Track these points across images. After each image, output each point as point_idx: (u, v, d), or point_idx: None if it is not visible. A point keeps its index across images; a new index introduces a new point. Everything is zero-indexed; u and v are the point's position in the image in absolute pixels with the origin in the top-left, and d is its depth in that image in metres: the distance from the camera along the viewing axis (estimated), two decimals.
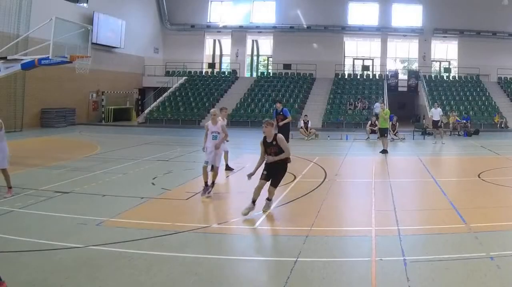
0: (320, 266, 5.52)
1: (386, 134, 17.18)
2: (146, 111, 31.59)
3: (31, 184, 9.76)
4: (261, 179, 7.74)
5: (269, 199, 7.86)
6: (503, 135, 24.65)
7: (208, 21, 38.20)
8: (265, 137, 7.80)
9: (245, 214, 7.52)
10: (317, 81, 34.82)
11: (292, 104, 31.01)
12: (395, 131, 21.95)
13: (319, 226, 7.11)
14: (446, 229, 6.95)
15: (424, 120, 27.86)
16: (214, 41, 39.79)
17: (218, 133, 9.34)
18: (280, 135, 7.81)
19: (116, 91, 32.01)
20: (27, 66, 14.41)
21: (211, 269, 5.52)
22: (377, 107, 26.96)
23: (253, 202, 7.62)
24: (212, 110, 9.80)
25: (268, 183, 7.79)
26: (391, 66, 37.32)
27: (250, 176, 7.77)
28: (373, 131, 21.85)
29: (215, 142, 9.29)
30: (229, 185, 11.07)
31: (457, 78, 35.04)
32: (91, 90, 29.96)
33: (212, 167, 9.28)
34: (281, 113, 14.38)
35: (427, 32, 36.12)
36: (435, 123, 21.25)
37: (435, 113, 21.35)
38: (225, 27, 37.82)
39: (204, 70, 37.86)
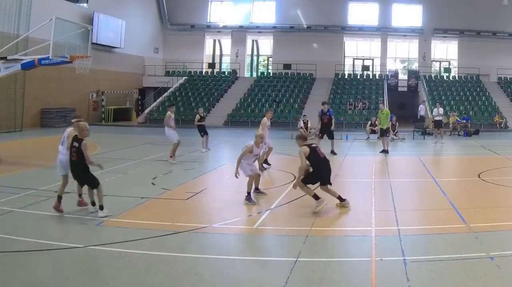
0: (320, 266, 5.52)
1: (386, 134, 17.17)
2: (146, 111, 31.57)
3: (31, 184, 9.75)
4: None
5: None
6: (503, 135, 24.63)
7: (208, 21, 38.21)
8: (312, 146, 8.20)
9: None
10: (317, 81, 34.81)
11: (292, 104, 31.04)
12: (395, 131, 21.93)
13: (319, 226, 7.11)
14: (446, 229, 6.95)
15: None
16: (214, 41, 39.79)
17: (258, 155, 9.40)
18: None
19: (116, 91, 32.00)
20: (27, 66, 14.38)
21: (211, 269, 5.53)
22: (422, 109, 26.87)
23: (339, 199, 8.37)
24: (259, 132, 9.10)
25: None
26: (391, 66, 37.33)
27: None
28: (373, 131, 21.83)
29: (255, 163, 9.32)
30: (229, 185, 11.05)
31: (457, 78, 35.04)
32: (91, 90, 29.95)
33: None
34: (328, 113, 15.65)
35: (427, 32, 36.12)
36: (438, 123, 21.05)
37: (437, 113, 21.22)
38: (225, 27, 37.83)
39: (204, 70, 37.85)
